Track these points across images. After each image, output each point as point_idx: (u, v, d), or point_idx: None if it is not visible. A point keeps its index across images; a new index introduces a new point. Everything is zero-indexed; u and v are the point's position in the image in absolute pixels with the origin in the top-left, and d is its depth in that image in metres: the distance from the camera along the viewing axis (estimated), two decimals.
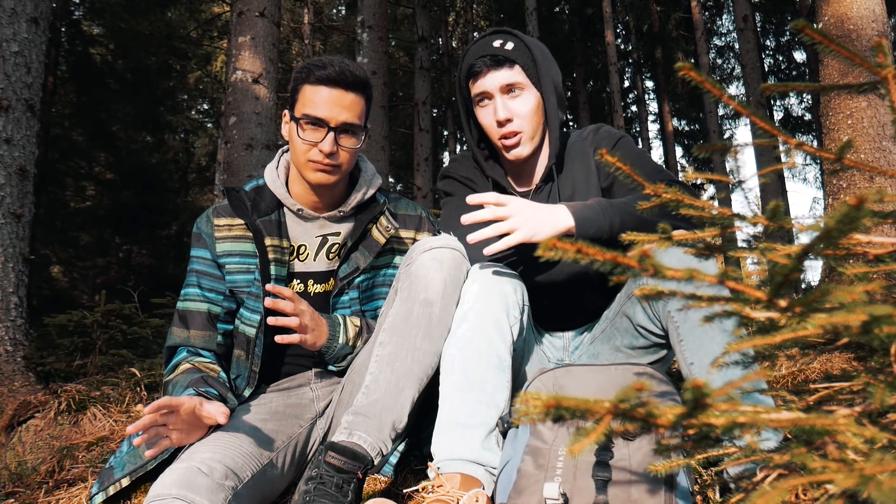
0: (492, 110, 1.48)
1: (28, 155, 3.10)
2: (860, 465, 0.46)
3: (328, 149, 1.39)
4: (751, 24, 9.58)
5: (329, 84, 1.38)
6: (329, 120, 1.39)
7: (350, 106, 1.40)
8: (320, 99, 1.38)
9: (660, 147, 16.36)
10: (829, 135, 3.67)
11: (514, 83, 1.47)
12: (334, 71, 1.38)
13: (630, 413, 0.51)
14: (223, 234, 1.51)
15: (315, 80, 1.39)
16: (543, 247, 0.58)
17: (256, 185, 1.54)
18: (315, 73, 1.39)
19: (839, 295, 0.51)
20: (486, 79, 1.47)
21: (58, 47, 8.78)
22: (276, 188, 1.51)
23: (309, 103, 1.39)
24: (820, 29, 0.68)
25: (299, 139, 1.41)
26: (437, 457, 1.21)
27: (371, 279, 1.58)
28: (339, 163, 1.43)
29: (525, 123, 1.48)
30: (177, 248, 11.56)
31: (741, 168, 0.93)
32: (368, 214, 1.54)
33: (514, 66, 1.47)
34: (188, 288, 1.51)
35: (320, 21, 14.10)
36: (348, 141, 1.43)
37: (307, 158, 1.42)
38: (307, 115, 1.39)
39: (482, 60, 1.47)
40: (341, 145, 1.42)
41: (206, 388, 1.32)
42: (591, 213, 1.32)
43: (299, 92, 1.42)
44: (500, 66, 1.46)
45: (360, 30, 6.61)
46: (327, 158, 1.40)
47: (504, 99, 1.47)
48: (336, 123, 1.39)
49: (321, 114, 1.38)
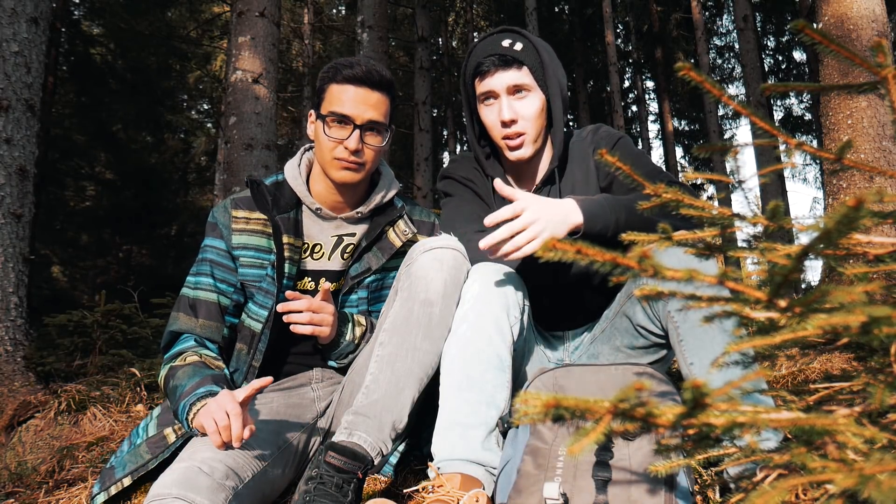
0: (497, 110, 1.48)
1: (28, 155, 3.10)
2: (860, 464, 0.46)
3: (354, 146, 1.40)
4: (751, 24, 9.58)
5: (355, 83, 1.40)
6: (355, 118, 1.40)
7: (376, 105, 1.42)
8: (347, 97, 1.40)
9: (660, 147, 16.37)
10: (829, 135, 3.67)
11: (522, 84, 1.46)
12: (361, 70, 1.40)
13: (630, 413, 0.51)
14: (240, 226, 1.50)
15: (342, 78, 1.41)
16: (543, 247, 0.58)
17: (276, 180, 1.54)
18: (342, 72, 1.41)
19: (839, 295, 0.51)
20: (494, 78, 1.46)
21: (58, 47, 8.77)
22: (297, 185, 1.51)
23: (336, 101, 1.41)
24: (820, 29, 0.68)
25: (325, 136, 1.42)
26: (438, 457, 1.21)
27: (380, 280, 1.58)
28: (363, 160, 1.44)
29: (529, 125, 1.48)
30: (177, 248, 11.56)
31: (741, 168, 0.93)
32: (386, 217, 1.55)
33: (523, 68, 1.46)
34: (200, 276, 1.49)
35: (320, 21, 14.10)
36: (374, 139, 1.44)
37: (333, 156, 1.43)
38: (334, 113, 1.41)
39: (490, 59, 1.46)
40: (367, 143, 1.43)
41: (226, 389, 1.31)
42: (599, 210, 1.32)
43: (326, 91, 1.44)
44: (508, 67, 1.46)
45: (360, 30, 6.61)
46: (353, 156, 1.42)
47: (510, 100, 1.47)
48: (362, 121, 1.41)
49: (347, 111, 1.40)
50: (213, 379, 1.32)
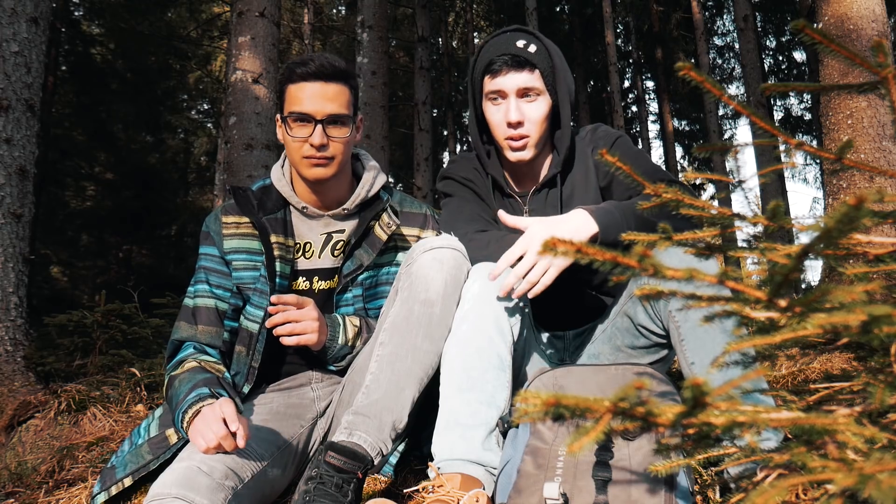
0: (504, 110, 1.47)
1: (28, 155, 3.10)
2: (860, 464, 0.46)
3: (318, 141, 1.40)
4: (751, 24, 9.58)
5: (310, 79, 1.41)
6: (314, 113, 1.41)
7: (334, 97, 1.42)
8: (304, 95, 1.41)
9: (660, 147, 16.36)
10: (829, 135, 3.67)
11: (532, 88, 1.46)
12: (314, 66, 1.41)
13: (630, 412, 0.51)
14: (231, 231, 1.52)
15: (297, 77, 1.42)
16: (543, 247, 0.58)
17: (263, 184, 1.57)
18: (296, 71, 1.42)
19: (839, 295, 0.51)
20: (505, 79, 1.46)
21: (58, 47, 8.78)
22: (282, 187, 1.53)
23: (294, 101, 1.42)
24: (820, 29, 0.68)
25: (290, 137, 1.43)
26: (438, 457, 1.21)
27: (375, 277, 1.58)
28: (331, 154, 1.44)
29: (534, 128, 1.48)
30: (177, 249, 11.56)
31: (741, 168, 0.93)
32: (372, 212, 1.55)
33: (535, 71, 1.46)
34: (197, 284, 1.52)
35: (320, 21, 14.10)
36: (338, 131, 1.44)
37: (301, 155, 1.43)
38: (293, 112, 1.42)
39: (503, 59, 1.45)
40: (331, 136, 1.43)
41: (219, 390, 1.32)
42: (612, 220, 1.32)
43: (285, 93, 1.45)
44: (520, 69, 1.45)
45: (360, 30, 6.60)
46: (318, 151, 1.42)
47: (518, 102, 1.46)
48: (322, 116, 1.41)
49: (306, 108, 1.41)
50: (206, 382, 1.33)
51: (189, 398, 1.30)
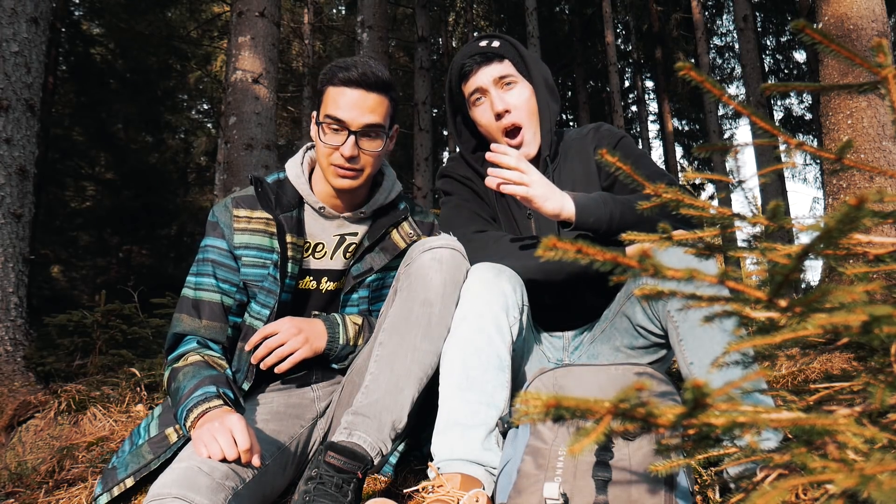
0: (488, 106, 1.51)
1: (28, 155, 3.10)
2: (860, 465, 0.46)
3: (349, 153, 1.38)
4: (751, 24, 9.58)
5: (352, 85, 1.38)
6: (350, 123, 1.38)
7: (373, 108, 1.40)
8: (343, 101, 1.39)
9: (660, 147, 16.36)
10: (829, 135, 3.67)
11: (507, 75, 1.51)
12: (357, 72, 1.38)
13: (630, 413, 0.51)
14: (242, 225, 1.48)
15: (338, 81, 1.39)
16: (543, 247, 0.58)
17: (277, 178, 1.52)
18: (338, 75, 1.39)
19: (839, 295, 0.51)
20: (479, 75, 1.51)
21: (58, 47, 8.78)
22: (300, 185, 1.50)
23: (332, 105, 1.40)
24: (820, 29, 0.68)
25: (321, 142, 1.41)
26: (437, 457, 1.21)
27: (381, 280, 1.58)
28: (360, 166, 1.42)
29: (522, 114, 1.51)
30: (177, 248, 11.56)
31: (741, 168, 0.93)
32: (389, 219, 1.54)
33: (504, 61, 1.52)
34: (202, 277, 1.47)
35: (320, 21, 14.09)
36: (370, 144, 1.42)
37: (329, 162, 1.42)
38: (329, 116, 1.39)
39: (472, 59, 1.52)
40: (363, 149, 1.41)
41: (225, 390, 1.32)
42: (592, 203, 1.36)
43: (324, 93, 1.43)
44: (490, 62, 1.51)
45: (360, 30, 6.60)
46: (348, 163, 1.40)
47: (499, 91, 1.51)
48: (357, 126, 1.39)
49: (343, 115, 1.38)
50: (213, 380, 1.32)
51: (195, 395, 1.28)
